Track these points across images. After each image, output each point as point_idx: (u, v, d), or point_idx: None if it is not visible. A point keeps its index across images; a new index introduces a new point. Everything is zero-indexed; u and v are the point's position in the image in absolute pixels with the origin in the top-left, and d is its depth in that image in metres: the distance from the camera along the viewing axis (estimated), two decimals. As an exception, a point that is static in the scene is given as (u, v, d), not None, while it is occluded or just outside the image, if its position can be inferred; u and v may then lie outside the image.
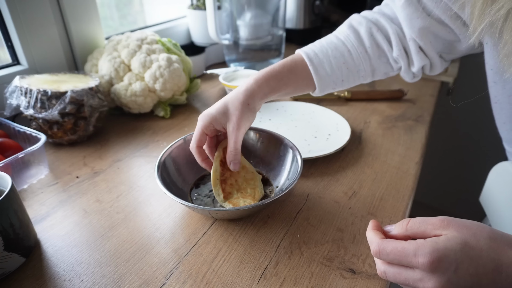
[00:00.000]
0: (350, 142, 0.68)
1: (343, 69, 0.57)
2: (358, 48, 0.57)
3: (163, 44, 0.80)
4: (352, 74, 0.58)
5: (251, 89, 0.51)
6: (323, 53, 0.57)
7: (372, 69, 0.59)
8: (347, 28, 0.58)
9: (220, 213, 0.46)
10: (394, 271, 0.33)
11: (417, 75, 0.60)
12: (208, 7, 0.88)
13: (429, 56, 0.56)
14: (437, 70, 0.59)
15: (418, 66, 0.56)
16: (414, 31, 0.52)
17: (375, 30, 0.56)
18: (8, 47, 0.74)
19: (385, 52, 0.57)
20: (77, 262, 0.44)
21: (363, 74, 0.59)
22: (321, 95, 0.60)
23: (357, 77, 0.59)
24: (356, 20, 0.58)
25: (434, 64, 0.57)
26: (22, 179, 0.57)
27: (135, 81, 0.74)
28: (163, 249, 0.45)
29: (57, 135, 0.65)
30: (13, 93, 0.63)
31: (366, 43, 0.56)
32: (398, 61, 0.57)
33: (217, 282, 0.41)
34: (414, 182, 0.57)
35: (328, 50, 0.57)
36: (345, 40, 0.58)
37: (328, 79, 0.57)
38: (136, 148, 0.68)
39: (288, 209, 0.52)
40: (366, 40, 0.56)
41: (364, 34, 0.56)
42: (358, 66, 0.57)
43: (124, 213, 0.51)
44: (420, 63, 0.56)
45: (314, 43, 0.59)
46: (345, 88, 0.60)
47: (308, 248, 0.45)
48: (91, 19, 0.82)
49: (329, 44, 0.57)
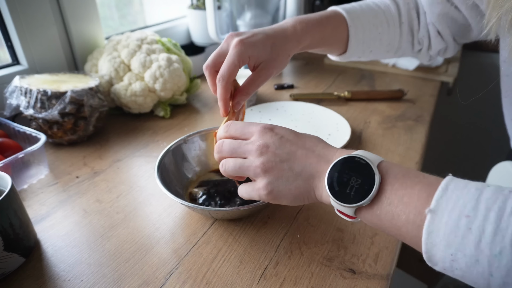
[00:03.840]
0: (350, 142, 0.68)
1: (376, 40, 0.56)
2: (395, 21, 0.56)
3: (163, 44, 0.80)
4: (381, 46, 0.57)
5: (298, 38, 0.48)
6: (365, 18, 0.55)
7: (399, 46, 0.58)
8: None
9: (220, 213, 0.46)
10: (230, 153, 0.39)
11: (432, 58, 0.61)
12: (208, 7, 0.88)
13: (445, 40, 0.57)
14: (451, 53, 0.61)
15: (435, 50, 0.58)
16: (434, 16, 0.54)
17: (412, 6, 0.56)
18: (8, 47, 0.74)
19: (413, 31, 0.57)
20: (77, 262, 0.44)
21: (389, 49, 0.58)
22: (343, 61, 0.59)
23: (384, 51, 0.58)
24: None
25: (449, 47, 0.59)
26: (22, 179, 0.57)
27: (135, 81, 0.74)
28: (163, 249, 0.45)
29: (57, 135, 0.65)
30: (13, 93, 0.63)
31: (403, 17, 0.56)
32: (421, 42, 0.58)
33: (217, 282, 0.41)
34: (414, 182, 0.57)
35: (370, 17, 0.55)
36: (385, 9, 0.56)
37: (361, 46, 0.56)
38: (136, 148, 0.68)
39: (288, 209, 0.52)
40: (403, 15, 0.56)
41: (403, 7, 0.56)
42: (390, 39, 0.57)
43: (124, 213, 0.51)
44: (437, 46, 0.57)
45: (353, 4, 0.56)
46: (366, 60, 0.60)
47: (308, 248, 0.45)
48: (91, 19, 0.82)
49: (370, 10, 0.56)
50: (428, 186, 0.29)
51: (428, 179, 0.30)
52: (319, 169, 0.35)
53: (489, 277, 0.26)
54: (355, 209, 0.32)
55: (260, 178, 0.37)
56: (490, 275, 0.26)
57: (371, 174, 0.31)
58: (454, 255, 0.27)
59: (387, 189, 0.31)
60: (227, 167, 0.39)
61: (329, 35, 0.53)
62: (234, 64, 0.43)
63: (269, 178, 0.36)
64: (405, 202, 0.30)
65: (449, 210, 0.27)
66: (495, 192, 0.27)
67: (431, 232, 0.28)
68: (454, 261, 0.27)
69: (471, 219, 0.26)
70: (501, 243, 0.25)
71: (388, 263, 0.43)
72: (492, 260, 0.25)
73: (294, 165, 0.36)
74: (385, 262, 0.43)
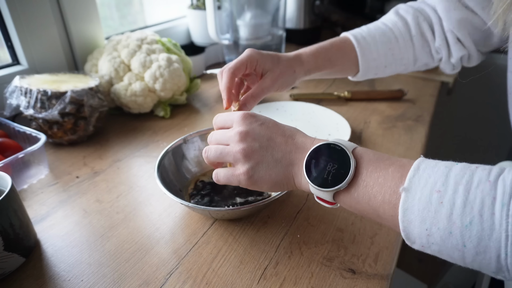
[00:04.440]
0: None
1: (388, 55, 0.58)
2: (405, 35, 0.58)
3: (163, 44, 0.80)
4: (395, 61, 0.59)
5: (301, 59, 0.53)
6: (371, 37, 0.58)
7: (415, 58, 0.60)
8: (394, 16, 0.59)
9: (220, 213, 0.46)
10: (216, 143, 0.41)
11: (456, 67, 0.61)
12: (208, 7, 0.88)
13: (466, 47, 0.57)
14: (474, 62, 0.60)
15: (456, 57, 0.57)
16: (452, 23, 0.54)
17: (422, 19, 0.57)
18: (8, 47, 0.74)
19: (428, 41, 0.58)
20: (77, 262, 0.44)
21: (405, 62, 0.60)
22: (361, 79, 0.61)
23: (400, 64, 0.60)
24: (402, 9, 0.60)
25: (471, 55, 0.58)
26: (22, 179, 0.57)
27: (135, 81, 0.74)
28: (163, 249, 0.45)
29: (57, 135, 0.65)
30: (13, 93, 0.63)
31: (413, 31, 0.58)
32: (439, 52, 0.59)
33: (217, 282, 0.41)
34: (414, 182, 0.57)
35: (376, 35, 0.58)
36: (392, 26, 0.59)
37: (373, 64, 0.58)
38: (136, 148, 0.68)
39: (288, 209, 0.52)
40: (413, 28, 0.58)
41: (411, 21, 0.58)
42: (403, 53, 0.59)
43: (124, 213, 0.51)
44: (458, 53, 0.57)
45: (361, 27, 0.60)
46: (385, 75, 0.62)
47: (308, 248, 0.45)
48: (91, 19, 0.82)
49: (376, 29, 0.59)
50: (401, 167, 0.31)
51: (400, 161, 0.32)
52: (298, 157, 0.36)
53: (463, 248, 0.27)
54: (333, 194, 0.34)
55: (240, 164, 0.38)
56: (463, 246, 0.27)
57: (347, 159, 0.33)
58: (429, 230, 0.28)
59: (362, 172, 0.32)
60: (209, 154, 0.41)
61: (336, 57, 0.56)
62: (242, 61, 0.48)
63: (249, 164, 0.37)
64: (380, 183, 0.31)
65: (421, 187, 0.29)
66: (463, 168, 0.28)
67: (406, 210, 0.29)
68: (430, 235, 0.28)
69: (442, 193, 0.27)
70: (470, 214, 0.26)
71: (388, 263, 0.43)
72: (464, 231, 0.26)
73: (274, 151, 0.37)
74: (385, 262, 0.43)
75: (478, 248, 0.26)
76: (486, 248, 0.26)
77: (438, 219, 0.27)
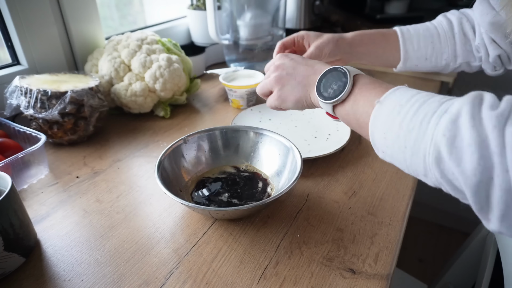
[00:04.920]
0: (350, 142, 0.68)
1: (428, 48, 0.64)
2: (447, 32, 0.64)
3: (163, 44, 0.80)
4: (435, 55, 0.65)
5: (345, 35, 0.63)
6: (414, 30, 0.65)
7: (455, 54, 0.64)
8: (441, 17, 0.66)
9: (220, 213, 0.46)
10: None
11: (498, 68, 0.64)
12: (208, 7, 0.88)
13: (502, 47, 0.60)
14: None
15: (492, 56, 0.61)
16: (485, 25, 0.57)
17: (465, 20, 0.63)
18: (8, 47, 0.74)
19: (470, 40, 0.63)
20: (77, 262, 0.44)
21: (446, 57, 0.65)
22: (403, 70, 0.67)
23: (440, 59, 0.65)
24: (450, 12, 0.66)
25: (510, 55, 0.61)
26: (22, 179, 0.57)
27: (135, 81, 0.74)
28: (163, 249, 0.45)
29: (57, 135, 0.65)
30: (13, 93, 0.63)
31: (455, 29, 0.63)
32: (479, 51, 0.62)
33: (217, 282, 0.41)
34: (414, 182, 0.57)
35: (420, 30, 0.65)
36: (437, 25, 0.65)
37: (413, 54, 0.64)
38: (136, 148, 0.68)
39: (288, 209, 0.52)
40: (456, 27, 0.63)
41: (455, 21, 0.64)
42: (443, 48, 0.64)
43: (124, 213, 0.51)
44: (494, 52, 0.60)
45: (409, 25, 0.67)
46: (426, 69, 0.67)
47: (308, 248, 0.45)
48: (91, 19, 0.82)
49: (422, 26, 0.66)
50: (386, 89, 0.37)
51: (388, 86, 0.38)
52: (314, 79, 0.45)
53: (404, 150, 0.33)
54: (332, 106, 0.42)
55: (274, 88, 0.50)
56: (405, 147, 0.33)
57: (347, 79, 0.40)
58: (385, 134, 0.35)
59: (355, 91, 0.40)
60: (258, 89, 0.53)
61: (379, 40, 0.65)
62: (291, 36, 0.64)
63: (279, 86, 0.49)
64: (366, 98, 0.38)
65: (392, 101, 0.35)
66: (429, 93, 0.34)
67: (375, 117, 0.36)
68: (385, 139, 0.35)
69: (402, 107, 0.34)
70: (415, 122, 0.32)
71: (388, 263, 0.43)
72: (407, 134, 0.32)
73: (297, 76, 0.47)
74: (385, 262, 0.43)
75: (413, 149, 0.32)
76: (418, 149, 0.32)
77: (393, 125, 0.34)
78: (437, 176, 0.31)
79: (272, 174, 0.56)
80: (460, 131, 0.28)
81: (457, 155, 0.28)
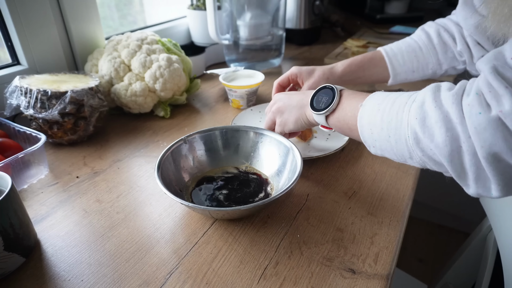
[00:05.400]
0: (350, 142, 0.68)
1: (413, 61, 0.69)
2: (428, 44, 0.68)
3: (163, 44, 0.80)
4: (421, 66, 0.69)
5: (335, 67, 0.69)
6: (397, 48, 0.70)
7: (439, 62, 0.69)
8: (419, 31, 0.71)
9: (220, 213, 0.46)
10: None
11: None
12: (208, 7, 0.88)
13: (486, 49, 0.62)
14: None
15: (477, 58, 0.64)
16: (469, 29, 0.60)
17: (442, 30, 0.67)
18: (8, 47, 0.74)
19: (450, 47, 0.67)
20: (77, 262, 0.44)
21: (431, 67, 0.69)
22: (395, 83, 0.72)
23: (426, 69, 0.69)
24: (427, 25, 0.71)
25: None
26: (22, 179, 0.57)
27: (135, 81, 0.74)
28: (163, 249, 0.45)
29: (57, 135, 0.65)
30: (13, 93, 0.63)
31: (434, 40, 0.68)
32: (462, 55, 0.66)
33: (217, 282, 0.41)
34: (414, 182, 0.57)
35: (402, 46, 0.70)
36: (417, 39, 0.70)
37: (401, 69, 0.69)
38: (136, 148, 0.68)
39: (288, 209, 0.52)
40: (434, 38, 0.68)
41: (433, 34, 0.68)
42: (427, 59, 0.69)
43: (124, 213, 0.51)
44: (478, 54, 0.63)
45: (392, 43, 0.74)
46: (417, 79, 0.72)
47: (308, 248, 0.45)
48: (91, 19, 0.82)
49: (403, 42, 0.71)
50: (365, 95, 0.45)
51: (367, 94, 0.45)
52: (307, 100, 0.51)
53: (389, 139, 0.39)
54: (325, 117, 0.48)
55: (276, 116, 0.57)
56: (389, 137, 0.39)
57: (334, 94, 0.47)
58: (372, 130, 0.42)
59: (342, 101, 0.47)
60: (264, 126, 0.60)
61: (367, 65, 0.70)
62: (285, 75, 0.68)
63: (278, 115, 0.57)
64: (351, 105, 0.45)
65: (371, 103, 0.42)
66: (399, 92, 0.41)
67: (361, 118, 0.43)
68: (373, 134, 0.42)
69: (380, 105, 0.41)
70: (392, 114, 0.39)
71: (388, 263, 0.43)
72: (388, 126, 0.39)
73: (293, 102, 0.54)
74: (385, 262, 0.43)
75: (396, 136, 0.38)
76: (400, 135, 0.38)
77: (376, 121, 0.41)
78: (419, 155, 0.37)
79: (272, 174, 0.56)
80: (427, 113, 0.35)
81: (429, 132, 0.35)
